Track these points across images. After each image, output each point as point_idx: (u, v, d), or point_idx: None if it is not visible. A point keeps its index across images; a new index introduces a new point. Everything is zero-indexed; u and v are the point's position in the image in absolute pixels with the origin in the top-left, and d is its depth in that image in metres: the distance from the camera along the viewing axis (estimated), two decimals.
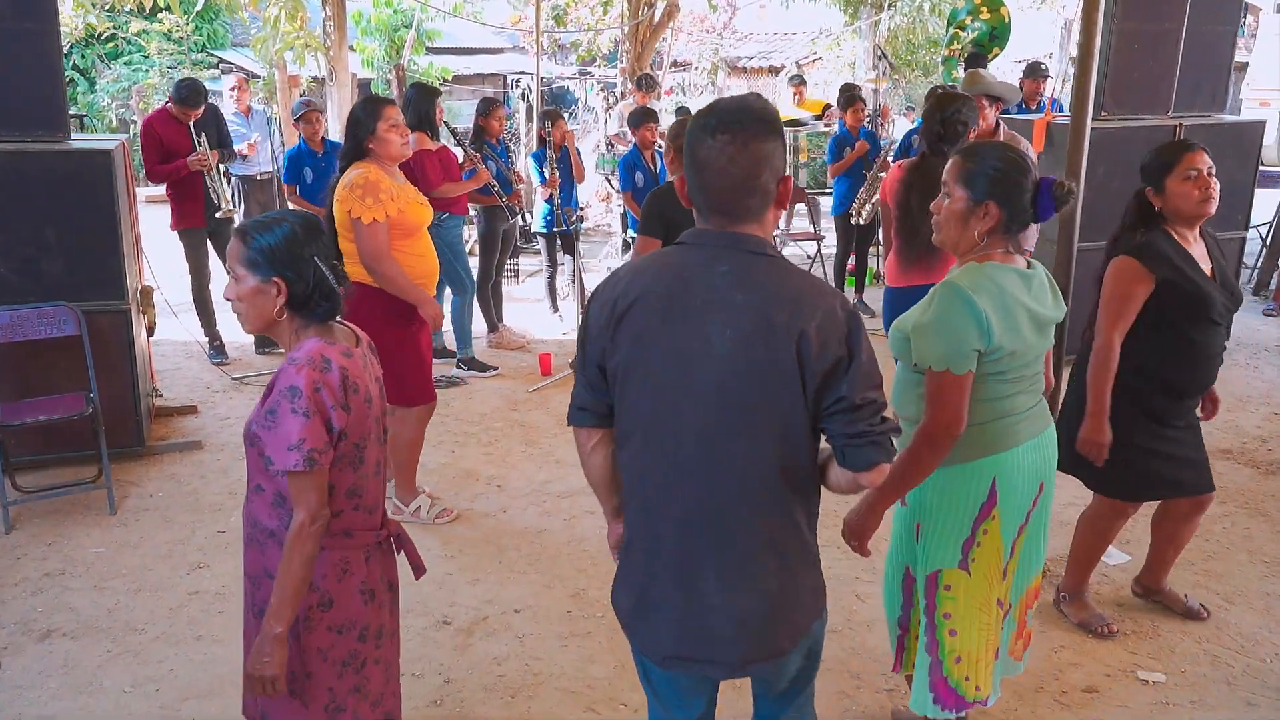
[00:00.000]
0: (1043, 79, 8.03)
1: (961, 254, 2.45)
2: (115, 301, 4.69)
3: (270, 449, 1.99)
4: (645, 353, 1.82)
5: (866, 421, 1.78)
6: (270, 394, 2.02)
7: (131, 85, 15.57)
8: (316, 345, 2.05)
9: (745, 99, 1.82)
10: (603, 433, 1.98)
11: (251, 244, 2.05)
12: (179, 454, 5.02)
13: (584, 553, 4.05)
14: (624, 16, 13.13)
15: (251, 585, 2.20)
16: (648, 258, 1.91)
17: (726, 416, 1.78)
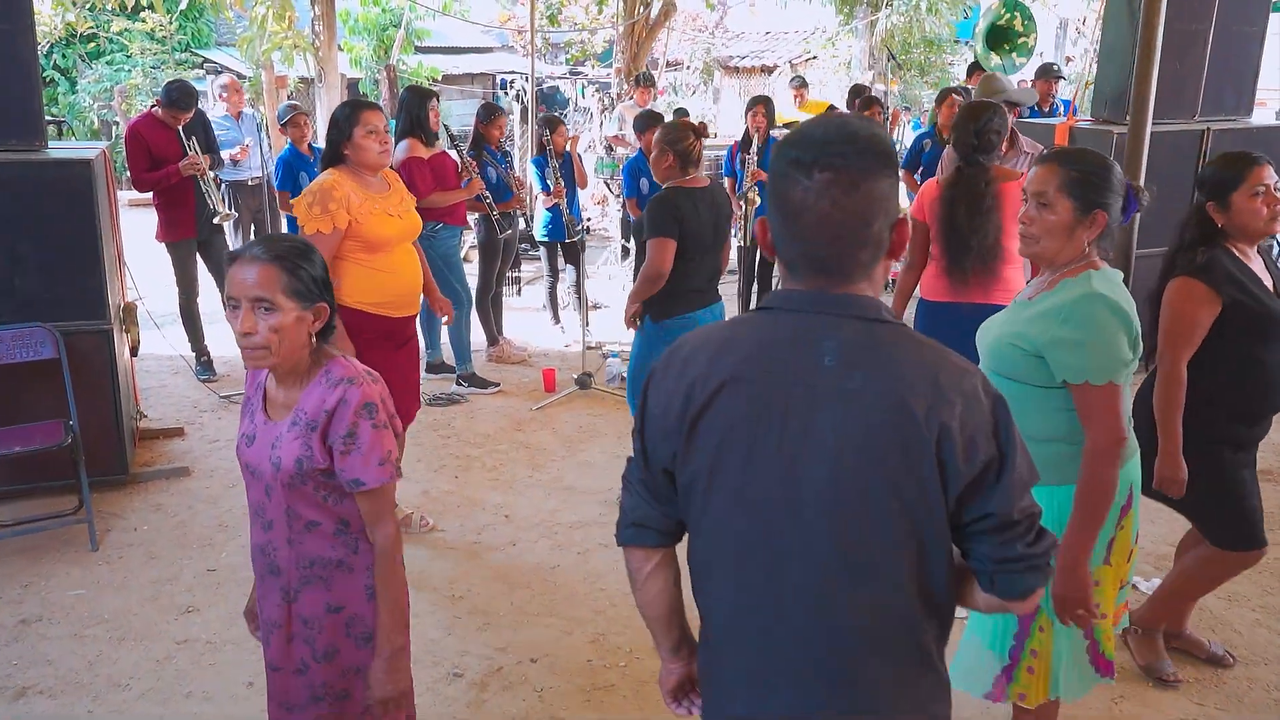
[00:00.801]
0: (1055, 80, 7.81)
1: (1060, 265, 2.31)
2: (96, 321, 4.40)
3: (359, 470, 1.96)
4: (733, 459, 1.43)
5: (1024, 541, 1.41)
6: (331, 422, 1.95)
7: (114, 86, 15.20)
8: (351, 362, 2.04)
9: (847, 122, 1.42)
10: (664, 554, 1.62)
11: (300, 272, 1.94)
12: (165, 481, 4.73)
13: (601, 592, 3.79)
14: (619, 16, 12.87)
15: (306, 628, 2.09)
16: (725, 328, 1.51)
17: (846, 544, 1.40)
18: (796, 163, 1.39)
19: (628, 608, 3.65)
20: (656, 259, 4.01)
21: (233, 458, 5.02)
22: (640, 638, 3.46)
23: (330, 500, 2.02)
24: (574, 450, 5.16)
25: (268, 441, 2.01)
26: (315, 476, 1.98)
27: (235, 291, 1.91)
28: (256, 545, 2.11)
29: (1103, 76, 6.28)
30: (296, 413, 1.98)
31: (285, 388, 2.03)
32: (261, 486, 2.05)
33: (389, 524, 2.03)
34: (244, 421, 2.12)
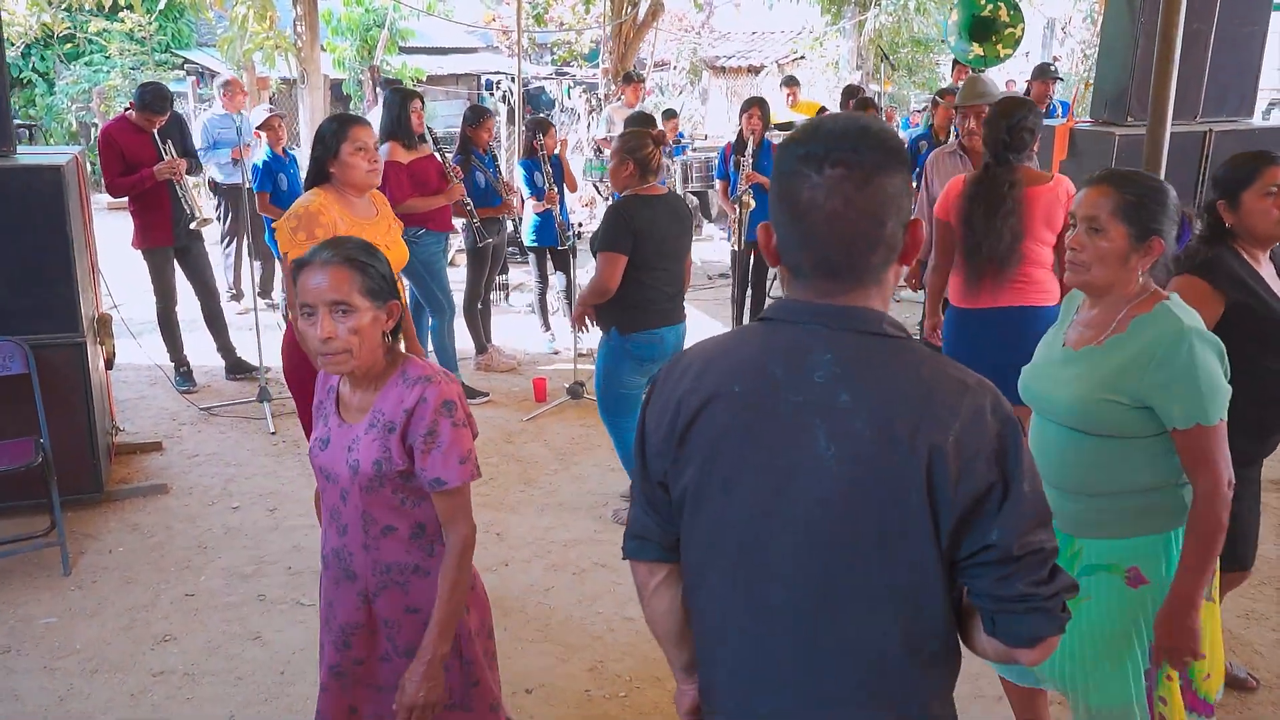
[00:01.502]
0: (1052, 80, 7.70)
1: (1117, 298, 2.16)
2: (68, 334, 4.22)
3: (441, 469, 1.95)
4: (718, 476, 1.37)
5: (1028, 579, 1.28)
6: (411, 422, 1.94)
7: (92, 87, 14.95)
8: (427, 361, 2.05)
9: (857, 119, 1.33)
10: (669, 569, 1.55)
11: (371, 271, 1.93)
12: (142, 500, 4.55)
13: (598, 615, 3.64)
14: (606, 16, 12.71)
15: (387, 627, 2.09)
16: (723, 339, 1.45)
17: (831, 569, 1.31)
18: (806, 158, 1.28)
19: (627, 633, 3.50)
20: (605, 274, 3.95)
21: (213, 474, 4.86)
22: (641, 666, 3.31)
23: (408, 504, 2.01)
24: (567, 463, 5.01)
25: (343, 445, 2.00)
26: (394, 479, 1.97)
27: (311, 298, 1.89)
28: (330, 550, 2.09)
29: (1102, 76, 6.15)
30: (374, 414, 1.98)
31: (360, 390, 2.02)
32: (337, 491, 2.03)
33: (466, 524, 2.03)
34: (318, 425, 2.10)
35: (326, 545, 2.11)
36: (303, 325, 1.92)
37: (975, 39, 8.57)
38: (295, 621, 3.58)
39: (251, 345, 5.83)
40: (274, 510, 4.46)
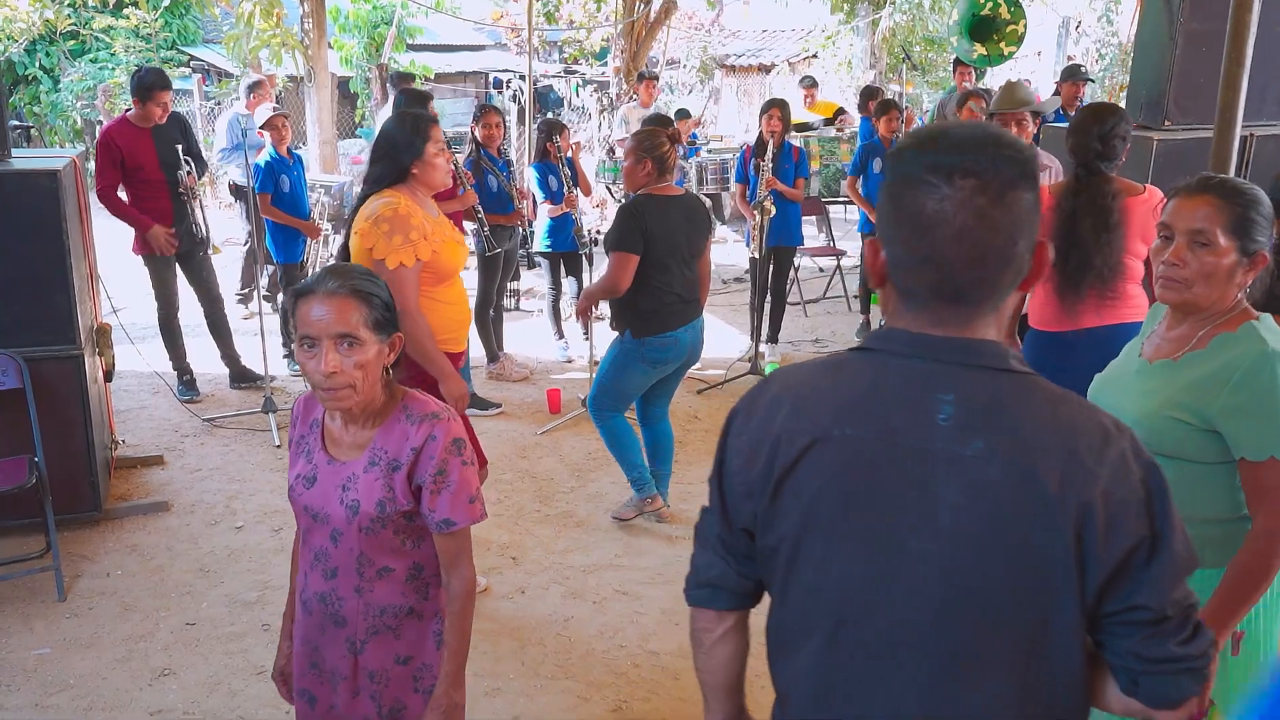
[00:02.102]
0: (1082, 83, 7.48)
1: (1217, 313, 1.99)
2: (65, 346, 4.03)
3: (450, 510, 1.87)
4: (824, 529, 1.24)
5: (1176, 638, 1.18)
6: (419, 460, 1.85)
7: (98, 84, 14.77)
8: (427, 395, 1.95)
9: (984, 126, 1.21)
10: (737, 617, 1.44)
11: (375, 302, 1.82)
12: (142, 518, 4.37)
13: (620, 650, 3.44)
14: (617, 14, 12.51)
15: (372, 682, 1.96)
16: (818, 371, 1.31)
17: (956, 632, 1.19)
18: (934, 167, 1.16)
19: (651, 669, 3.31)
20: (617, 273, 3.90)
21: (216, 490, 4.67)
22: (668, 707, 3.12)
23: (408, 544, 1.92)
24: (584, 480, 4.82)
25: (335, 484, 1.88)
26: (396, 519, 1.88)
27: (314, 330, 1.77)
28: (314, 594, 1.95)
29: (1137, 79, 5.94)
30: (374, 452, 1.87)
31: (355, 425, 1.91)
32: (326, 532, 1.91)
33: (469, 566, 1.94)
34: (298, 462, 1.97)
35: (309, 589, 1.97)
36: (302, 357, 1.80)
37: (977, 38, 8.35)
38: None
39: (256, 353, 5.66)
40: (279, 531, 4.27)
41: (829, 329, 7.52)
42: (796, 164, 6.44)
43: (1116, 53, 19.48)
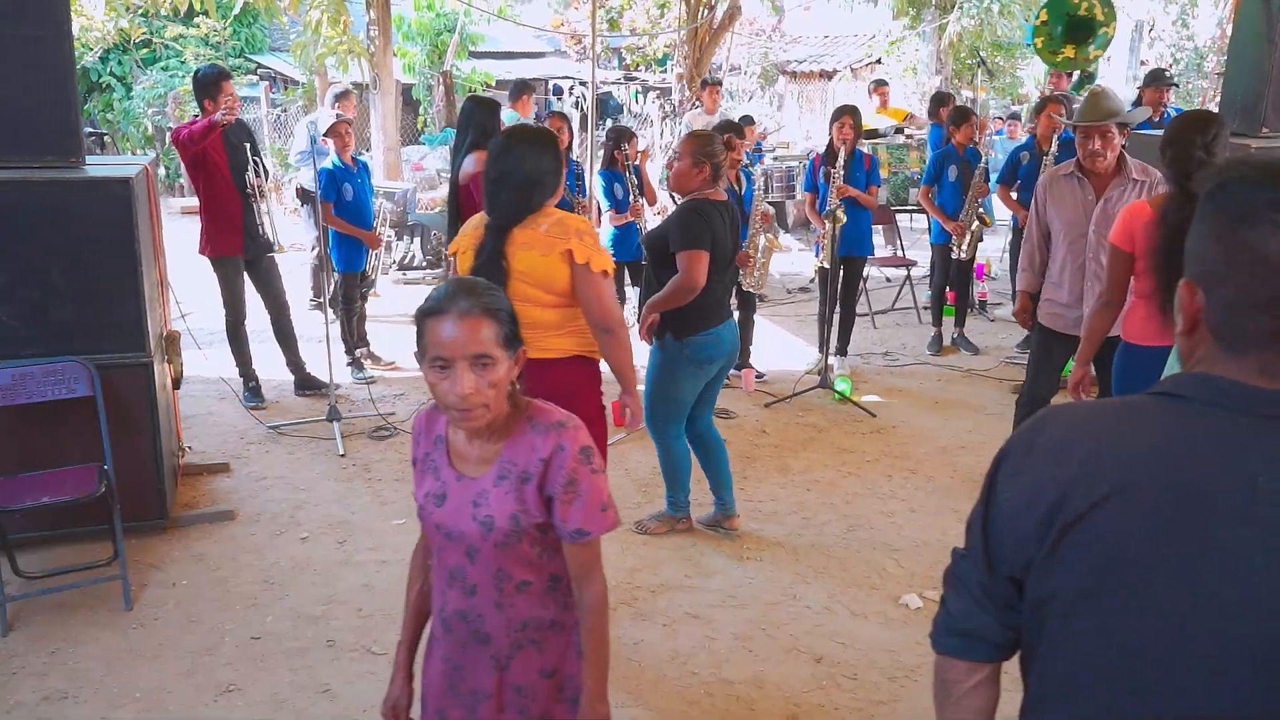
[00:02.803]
0: (1167, 88, 7.19)
1: None
2: (135, 353, 4.03)
3: (583, 520, 1.83)
4: (1118, 588, 1.14)
5: None
6: (549, 471, 1.81)
7: (168, 92, 15.05)
8: (550, 404, 1.91)
9: None
10: (992, 668, 1.36)
11: (505, 317, 1.79)
12: (207, 527, 4.34)
13: (693, 676, 3.32)
14: (680, 20, 12.42)
15: (519, 697, 1.94)
16: (1111, 414, 1.23)
17: (1259, 710, 1.09)
18: (1274, 203, 1.09)
19: (725, 699, 3.19)
20: (693, 272, 3.89)
21: (281, 500, 4.64)
22: None
23: (544, 556, 1.89)
24: (650, 496, 4.70)
25: (466, 500, 1.86)
26: (531, 532, 1.85)
27: (449, 351, 1.73)
28: (454, 612, 1.93)
29: (1232, 83, 5.67)
30: (503, 465, 1.84)
31: (481, 440, 1.88)
32: (461, 550, 1.89)
33: (601, 577, 1.91)
34: (425, 480, 1.94)
35: (448, 608, 1.94)
36: (434, 378, 1.75)
37: (1070, 40, 8.07)
38: (366, 672, 3.32)
39: (319, 360, 5.64)
40: (344, 543, 4.22)
41: (899, 341, 7.32)
42: (868, 171, 6.27)
43: (1192, 57, 18.96)
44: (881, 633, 3.59)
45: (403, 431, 5.45)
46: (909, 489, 4.80)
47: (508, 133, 3.20)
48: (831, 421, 5.70)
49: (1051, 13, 8.06)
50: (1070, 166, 4.40)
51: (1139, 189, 4.32)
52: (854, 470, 5.01)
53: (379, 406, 5.70)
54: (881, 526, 4.41)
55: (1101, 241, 4.33)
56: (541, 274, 2.98)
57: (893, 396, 6.15)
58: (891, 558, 4.13)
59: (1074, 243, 4.34)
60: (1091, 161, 4.27)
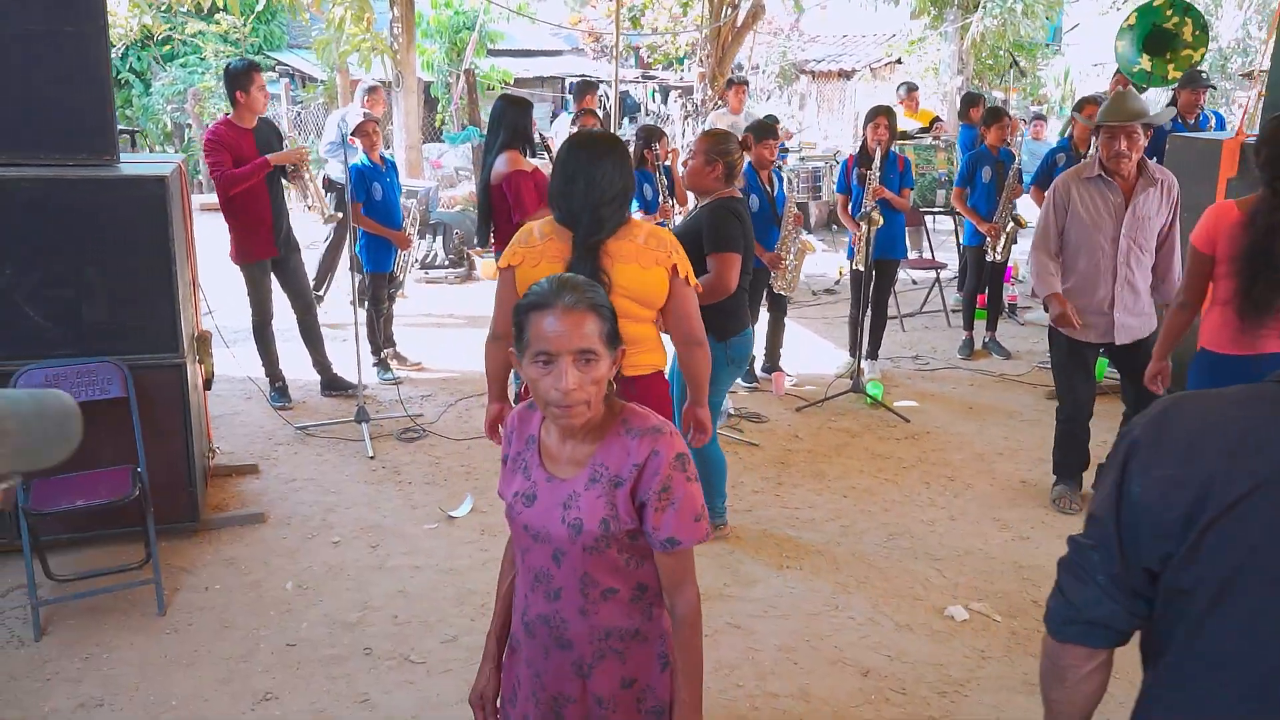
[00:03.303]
0: (1203, 90, 7.08)
1: None
2: (168, 354, 3.98)
3: (675, 528, 1.79)
4: (1260, 582, 1.20)
5: None
6: (642, 477, 1.77)
7: (187, 88, 15.06)
8: (646, 409, 1.87)
9: None
10: (1108, 654, 1.43)
11: (608, 314, 1.77)
12: (238, 530, 4.29)
13: (738, 689, 3.24)
14: (703, 19, 12.34)
15: (600, 708, 1.91)
16: (1243, 405, 1.26)
17: None
18: None
19: (771, 712, 3.12)
20: (728, 276, 3.86)
21: (312, 502, 4.59)
22: None
23: (631, 564, 1.85)
24: None
25: (556, 502, 1.83)
26: (621, 538, 1.81)
27: (554, 345, 1.71)
28: (537, 616, 1.90)
29: (1277, 83, 5.58)
30: (594, 468, 1.81)
31: (574, 441, 1.85)
32: (548, 552, 1.85)
33: (693, 587, 1.88)
34: (515, 479, 1.92)
35: (530, 611, 1.91)
36: (535, 374, 1.74)
37: (1149, 50, 7.86)
38: (404, 682, 3.26)
39: (345, 360, 5.59)
40: (376, 547, 4.16)
41: (929, 345, 7.23)
42: (902, 173, 6.19)
43: (1215, 58, 18.78)
44: (928, 645, 3.52)
45: (432, 433, 5.39)
46: (948, 496, 4.72)
47: (592, 141, 2.97)
48: (864, 426, 5.62)
49: (1140, 19, 7.86)
50: (1094, 168, 4.28)
51: (1160, 189, 4.25)
52: (891, 477, 4.93)
53: (407, 408, 5.64)
54: (922, 535, 4.33)
55: (1133, 247, 4.24)
56: (641, 288, 2.88)
57: (925, 401, 6.06)
58: (934, 567, 4.05)
59: (1099, 247, 4.24)
60: (1116, 163, 4.18)
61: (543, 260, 2.86)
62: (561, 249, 2.85)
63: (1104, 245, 4.24)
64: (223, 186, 5.26)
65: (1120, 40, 7.58)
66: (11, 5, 3.68)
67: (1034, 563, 4.09)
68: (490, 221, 5.24)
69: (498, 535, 4.27)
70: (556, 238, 2.88)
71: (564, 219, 2.88)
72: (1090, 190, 4.27)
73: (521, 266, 2.89)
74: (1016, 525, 4.43)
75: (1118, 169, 4.20)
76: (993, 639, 3.55)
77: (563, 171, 2.89)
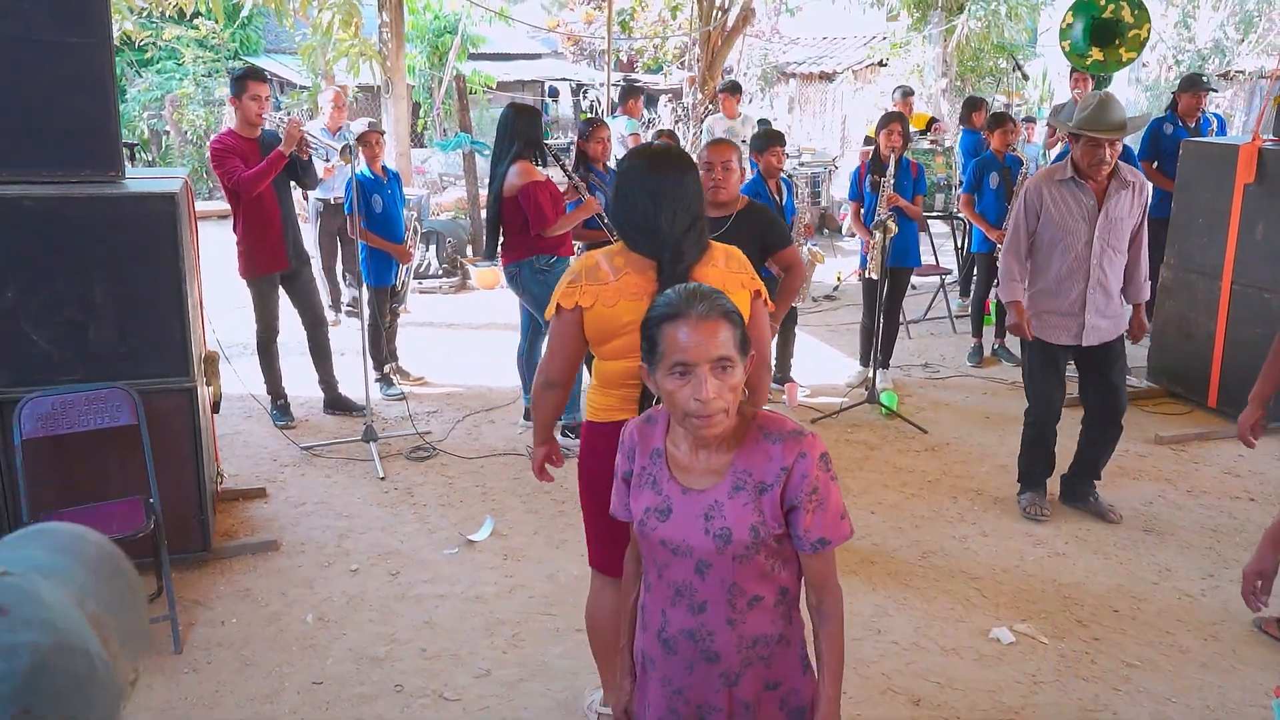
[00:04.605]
0: (1205, 93, 7.04)
1: None
2: (179, 378, 3.81)
3: (825, 528, 1.81)
4: None
5: None
6: (791, 480, 1.78)
7: (164, 94, 14.77)
8: (775, 412, 1.88)
9: None
10: None
11: (739, 320, 1.77)
12: (251, 558, 4.13)
13: None
14: (691, 23, 12.23)
15: (746, 712, 1.90)
16: None
17: None
18: None
19: None
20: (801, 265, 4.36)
21: (325, 527, 4.42)
22: None
23: (775, 569, 1.86)
24: None
25: (696, 514, 1.82)
26: (769, 544, 1.82)
27: (692, 355, 1.71)
28: (679, 631, 1.88)
29: None
30: (737, 476, 1.81)
31: (708, 450, 1.83)
32: (690, 565, 1.84)
33: (838, 584, 1.90)
34: (643, 494, 1.90)
35: (670, 627, 1.89)
36: (672, 386, 1.74)
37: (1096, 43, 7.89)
38: None
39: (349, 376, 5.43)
40: (396, 575, 4.01)
41: (937, 352, 7.15)
42: (915, 180, 6.11)
43: (1194, 59, 18.89)
44: (977, 671, 3.42)
45: (442, 451, 5.24)
46: (977, 511, 4.63)
47: (670, 157, 2.68)
48: (882, 438, 5.52)
49: (1075, 14, 7.89)
50: (1067, 171, 4.23)
51: (1131, 191, 4.22)
52: (916, 491, 4.84)
53: (415, 425, 5.48)
54: (955, 552, 4.24)
55: (1106, 249, 4.22)
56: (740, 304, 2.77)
57: (940, 411, 5.98)
58: (972, 586, 3.96)
59: (1071, 249, 4.23)
60: (1096, 170, 4.15)
61: (620, 298, 2.53)
62: (640, 283, 2.54)
63: (1077, 247, 4.24)
64: (244, 190, 5.03)
65: (1064, 40, 7.58)
66: (12, 14, 3.51)
67: (1072, 579, 4.01)
68: (498, 233, 5.11)
69: (521, 560, 4.14)
70: (632, 271, 2.56)
71: (647, 248, 2.57)
72: (1063, 192, 4.25)
73: (595, 308, 2.56)
74: (1049, 541, 4.34)
75: (1096, 175, 4.17)
76: (1042, 662, 3.46)
77: (642, 192, 2.57)
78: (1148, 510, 4.64)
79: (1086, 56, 7.84)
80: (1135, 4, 7.73)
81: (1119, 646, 3.56)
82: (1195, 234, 5.74)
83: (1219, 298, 5.59)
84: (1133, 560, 4.18)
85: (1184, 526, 4.48)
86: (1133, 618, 3.75)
